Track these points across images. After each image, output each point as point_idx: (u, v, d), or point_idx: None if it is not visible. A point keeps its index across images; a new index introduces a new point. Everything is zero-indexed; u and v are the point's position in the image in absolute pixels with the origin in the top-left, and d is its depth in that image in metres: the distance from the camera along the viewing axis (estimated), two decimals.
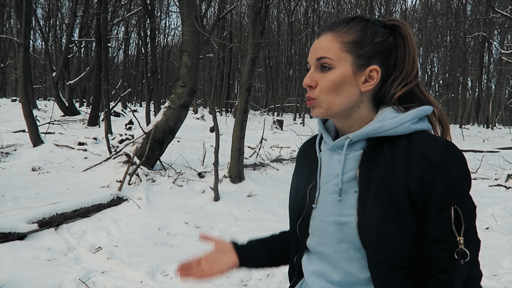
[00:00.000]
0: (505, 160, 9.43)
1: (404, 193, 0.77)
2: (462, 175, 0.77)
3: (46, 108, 20.11)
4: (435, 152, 0.77)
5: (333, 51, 0.85)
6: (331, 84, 0.85)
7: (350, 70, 0.85)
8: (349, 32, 0.85)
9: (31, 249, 3.19)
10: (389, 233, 0.77)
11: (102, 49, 12.48)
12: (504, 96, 33.99)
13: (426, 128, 0.84)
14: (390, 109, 0.86)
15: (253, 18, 5.48)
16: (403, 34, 0.87)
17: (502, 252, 3.47)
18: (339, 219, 0.84)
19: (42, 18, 30.36)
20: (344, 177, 0.85)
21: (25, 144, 7.91)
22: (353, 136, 0.85)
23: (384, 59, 0.87)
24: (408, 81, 0.87)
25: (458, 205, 0.75)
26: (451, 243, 0.75)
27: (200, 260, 1.04)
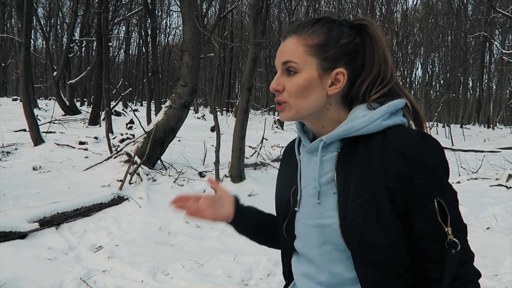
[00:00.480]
0: (506, 160, 9.41)
1: (383, 192, 0.77)
2: (440, 165, 0.77)
3: (47, 108, 20.13)
4: (411, 147, 0.76)
5: (298, 54, 0.84)
6: (298, 88, 0.84)
7: (316, 73, 0.84)
8: (314, 35, 0.84)
9: (32, 248, 3.19)
10: (373, 234, 0.77)
11: (103, 49, 12.50)
12: (505, 96, 33.94)
13: (400, 122, 0.83)
14: (361, 107, 0.85)
15: (254, 17, 5.48)
16: (370, 34, 0.86)
17: (503, 252, 3.47)
18: (320, 222, 0.84)
19: (43, 17, 30.38)
20: (322, 179, 0.85)
21: (26, 143, 7.92)
22: (326, 138, 0.84)
23: (350, 60, 0.85)
24: (386, 82, 0.86)
25: (440, 196, 0.76)
26: (440, 234, 0.76)
27: (199, 198, 1.02)
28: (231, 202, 1.04)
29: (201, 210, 1.00)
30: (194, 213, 1.00)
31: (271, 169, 6.56)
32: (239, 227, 1.05)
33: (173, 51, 38.67)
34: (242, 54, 34.19)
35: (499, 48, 24.46)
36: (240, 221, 1.04)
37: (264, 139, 8.12)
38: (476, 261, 2.80)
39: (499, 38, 30.97)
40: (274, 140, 12.23)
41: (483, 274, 3.16)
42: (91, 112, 14.41)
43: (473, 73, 32.93)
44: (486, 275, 3.07)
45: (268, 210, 1.16)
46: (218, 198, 1.03)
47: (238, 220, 1.04)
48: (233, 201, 1.05)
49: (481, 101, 31.90)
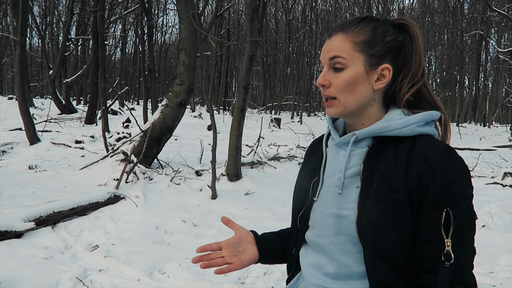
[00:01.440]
0: (501, 158, 9.46)
1: (403, 192, 0.79)
2: (459, 180, 0.78)
3: (43, 106, 20.05)
4: (436, 155, 0.79)
5: (345, 50, 0.87)
6: (345, 83, 0.87)
7: (363, 69, 0.87)
8: (361, 32, 0.88)
9: (28, 247, 3.18)
10: (386, 229, 0.79)
11: (99, 47, 12.44)
12: (501, 94, 34.10)
13: (432, 132, 0.86)
14: (398, 110, 0.89)
15: (250, 16, 5.47)
16: (410, 33, 0.90)
17: (498, 250, 3.49)
18: (339, 212, 0.87)
19: (39, 15, 30.21)
20: (347, 172, 0.88)
21: (22, 142, 7.88)
22: (359, 133, 0.88)
23: (394, 57, 0.89)
24: (416, 80, 0.90)
25: (451, 208, 0.77)
26: (439, 244, 0.77)
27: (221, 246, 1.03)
28: (251, 241, 1.06)
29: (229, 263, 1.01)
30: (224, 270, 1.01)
31: (268, 168, 6.56)
32: (268, 261, 1.08)
33: (169, 50, 38.59)
34: (239, 53, 34.16)
35: (495, 47, 24.56)
36: (266, 256, 1.06)
37: (261, 137, 8.12)
38: None
39: (495, 36, 31.11)
40: (271, 139, 12.23)
41: (478, 271, 3.19)
42: (88, 111, 14.35)
43: (469, 71, 33.06)
44: (481, 273, 3.09)
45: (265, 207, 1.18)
46: (239, 240, 1.04)
47: (264, 256, 1.05)
48: (253, 239, 1.06)
49: (477, 99, 32.03)
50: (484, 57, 33.54)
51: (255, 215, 4.44)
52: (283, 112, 32.71)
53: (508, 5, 18.90)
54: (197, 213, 4.40)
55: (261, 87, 41.99)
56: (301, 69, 29.01)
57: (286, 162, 7.26)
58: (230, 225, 1.05)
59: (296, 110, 28.24)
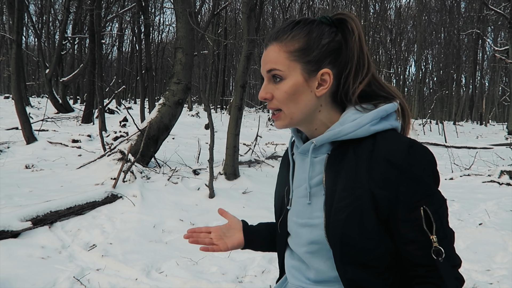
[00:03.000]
0: (498, 157, 9.50)
1: (367, 197, 0.78)
2: (428, 174, 0.77)
3: (39, 105, 19.97)
4: (399, 154, 0.77)
5: (281, 61, 0.84)
6: (286, 94, 0.84)
7: (301, 78, 0.84)
8: (294, 40, 0.84)
9: (24, 247, 3.16)
10: (353, 236, 0.78)
11: (96, 46, 12.40)
12: (497, 93, 34.21)
13: (390, 127, 0.83)
14: (352, 110, 0.85)
15: (247, 14, 5.46)
16: (350, 28, 0.85)
17: (495, 248, 3.50)
18: (310, 222, 0.86)
19: (35, 14, 30.07)
20: (313, 181, 0.87)
21: (18, 142, 7.84)
22: (317, 141, 0.85)
23: (334, 59, 0.85)
24: (363, 75, 0.85)
25: (427, 204, 0.76)
26: (425, 242, 0.77)
27: (210, 230, 1.09)
28: (239, 228, 1.10)
29: (214, 244, 1.07)
30: (208, 248, 1.07)
31: (265, 167, 6.56)
32: (253, 248, 1.11)
33: (166, 49, 38.49)
34: (236, 51, 34.11)
35: (492, 46, 24.65)
36: (252, 243, 1.10)
37: (259, 136, 8.12)
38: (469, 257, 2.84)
39: (491, 35, 31.21)
40: (268, 138, 12.24)
41: (475, 269, 3.20)
42: (84, 110, 14.31)
43: (466, 70, 33.17)
44: (478, 270, 3.10)
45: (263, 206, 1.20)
46: (228, 227, 1.09)
47: (249, 243, 1.09)
48: (241, 226, 1.10)
49: (474, 98, 32.15)
50: (481, 56, 33.65)
51: (252, 213, 4.44)
52: None
53: (505, 4, 18.95)
54: (194, 212, 4.39)
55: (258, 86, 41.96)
56: None
57: None
58: (224, 215, 1.11)
59: None
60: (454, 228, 3.99)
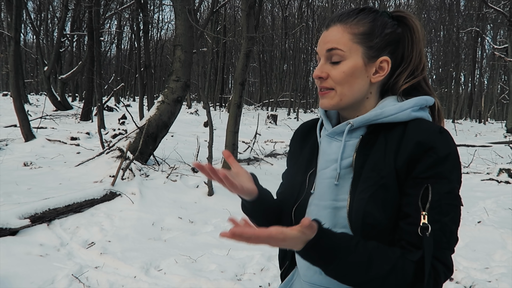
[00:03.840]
0: (497, 155, 9.51)
1: (391, 175, 0.78)
2: (447, 159, 0.77)
3: (38, 103, 19.94)
4: (428, 135, 0.78)
5: (344, 42, 0.85)
6: (343, 75, 0.85)
7: (361, 61, 0.85)
8: (360, 24, 0.85)
9: (23, 244, 3.16)
10: (375, 215, 0.78)
11: (95, 43, 12.36)
12: (496, 91, 34.23)
13: (426, 117, 0.85)
14: (392, 97, 0.88)
15: (247, 12, 5.45)
16: (410, 26, 0.88)
17: (493, 246, 3.51)
18: (335, 204, 0.85)
19: (33, 11, 29.95)
20: (343, 162, 0.86)
21: (17, 139, 7.83)
22: (354, 122, 0.85)
23: (393, 50, 0.87)
24: (416, 74, 0.88)
25: (432, 184, 0.76)
26: (418, 219, 0.76)
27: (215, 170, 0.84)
28: (250, 179, 0.92)
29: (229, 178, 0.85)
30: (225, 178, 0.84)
31: (264, 164, 6.56)
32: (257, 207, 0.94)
33: (165, 46, 38.40)
34: (235, 49, 34.06)
35: (491, 43, 24.63)
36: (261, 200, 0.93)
37: (258, 134, 8.11)
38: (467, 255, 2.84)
39: (490, 33, 31.20)
40: (268, 135, 12.23)
41: (474, 267, 3.20)
42: (83, 108, 14.27)
43: (465, 68, 33.16)
44: (477, 268, 3.10)
45: None
46: (236, 174, 0.90)
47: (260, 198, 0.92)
48: (251, 178, 0.93)
49: (473, 96, 32.16)
50: (480, 54, 33.64)
51: None
52: (280, 109, 32.69)
53: (504, 2, 18.94)
54: (193, 210, 4.39)
55: (257, 84, 41.93)
56: (298, 66, 28.96)
57: (283, 158, 7.26)
58: (230, 160, 0.91)
59: (293, 107, 28.22)
60: None
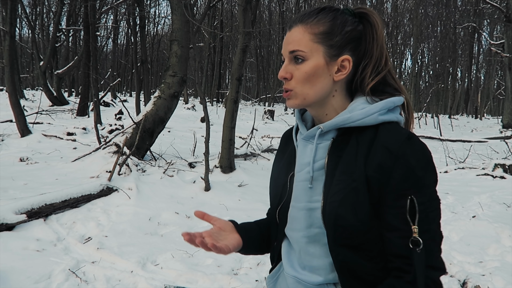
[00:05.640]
0: (492, 150, 9.57)
1: (362, 179, 0.80)
2: (421, 166, 0.79)
3: (34, 98, 19.84)
4: (396, 143, 0.80)
5: (304, 43, 0.87)
6: (306, 75, 0.87)
7: (323, 60, 0.87)
8: (319, 23, 0.87)
9: (19, 239, 3.16)
10: (347, 217, 0.80)
11: (91, 38, 12.29)
12: (492, 86, 34.36)
13: (395, 119, 0.86)
14: (361, 99, 0.89)
15: (243, 7, 5.43)
16: (371, 22, 0.89)
17: (488, 240, 3.54)
18: (309, 205, 0.88)
19: (29, 5, 29.66)
20: (315, 165, 0.88)
21: (13, 135, 7.80)
22: (324, 127, 0.88)
23: (354, 47, 0.88)
24: (380, 70, 0.89)
25: (415, 195, 0.78)
26: (406, 231, 0.78)
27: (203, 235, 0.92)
28: (232, 229, 0.99)
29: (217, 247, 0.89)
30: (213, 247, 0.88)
31: (261, 160, 6.57)
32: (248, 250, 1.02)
33: (162, 41, 38.20)
34: (232, 44, 33.95)
35: (488, 39, 24.69)
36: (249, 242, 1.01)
37: (255, 129, 8.11)
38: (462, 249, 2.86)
39: (487, 29, 31.23)
40: (265, 131, 12.23)
41: (468, 261, 3.23)
42: (79, 103, 14.22)
43: (462, 63, 33.22)
44: (471, 262, 3.13)
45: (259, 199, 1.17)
46: (218, 230, 0.97)
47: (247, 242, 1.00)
48: (233, 227, 1.00)
49: (469, 91, 32.24)
50: (477, 50, 33.70)
51: (248, 206, 4.45)
52: (277, 104, 32.66)
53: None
54: (190, 205, 4.40)
55: (254, 79, 41.87)
56: None
57: None
58: (206, 218, 0.97)
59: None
60: (448, 220, 4.04)
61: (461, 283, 2.83)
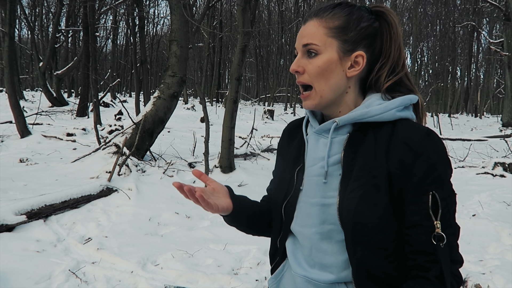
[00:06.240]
0: (492, 149, 9.57)
1: (383, 176, 0.80)
2: (441, 162, 0.79)
3: (33, 99, 19.85)
4: (417, 139, 0.79)
5: (319, 37, 0.85)
6: (318, 69, 0.85)
7: (336, 55, 0.85)
8: (335, 18, 0.86)
9: (19, 240, 3.16)
10: (366, 215, 0.79)
11: (90, 39, 12.29)
12: (492, 85, 34.35)
13: (410, 116, 0.86)
14: (377, 95, 0.88)
15: (242, 6, 5.43)
16: (388, 21, 0.88)
17: (488, 238, 3.54)
18: (323, 201, 0.86)
19: (28, 6, 29.65)
20: (330, 160, 0.87)
21: (13, 136, 7.80)
22: (340, 121, 0.86)
23: (369, 44, 0.87)
24: (397, 70, 0.88)
25: (437, 190, 0.78)
26: (429, 227, 0.78)
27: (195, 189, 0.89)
28: (225, 194, 0.97)
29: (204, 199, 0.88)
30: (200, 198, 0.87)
31: (261, 159, 6.57)
32: (237, 218, 0.99)
33: (161, 41, 38.21)
34: (232, 44, 33.94)
35: (487, 38, 24.70)
36: (239, 212, 0.98)
37: (254, 129, 8.11)
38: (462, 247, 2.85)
39: (486, 27, 31.21)
40: (264, 131, 12.23)
41: (468, 260, 3.23)
42: (79, 103, 14.22)
43: (461, 62, 33.21)
44: (471, 261, 3.13)
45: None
46: (212, 191, 0.96)
47: (237, 210, 0.97)
48: (227, 191, 0.98)
49: (469, 90, 32.25)
50: (476, 48, 33.70)
51: None
52: (276, 104, 32.67)
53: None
54: (190, 205, 4.39)
55: (254, 79, 41.87)
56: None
57: None
58: (202, 178, 0.96)
59: (290, 102, 28.21)
60: None
61: None
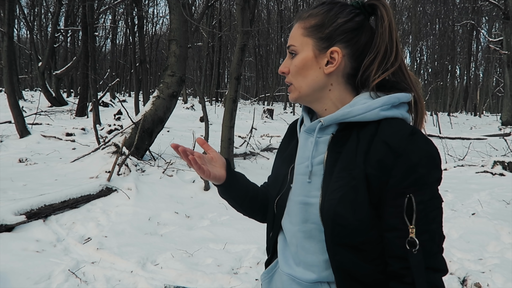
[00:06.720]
0: (491, 147, 9.57)
1: (361, 177, 0.78)
2: (424, 163, 0.76)
3: (32, 99, 19.83)
4: (398, 139, 0.77)
5: (296, 37, 0.88)
6: (295, 68, 0.88)
7: (312, 53, 0.87)
8: (311, 17, 0.88)
9: (19, 240, 3.16)
10: (346, 216, 0.78)
11: (89, 38, 12.28)
12: (491, 84, 34.38)
13: (399, 115, 0.83)
14: (365, 94, 0.86)
15: (242, 6, 5.42)
16: (378, 14, 0.86)
17: (487, 237, 3.54)
18: (306, 200, 0.86)
19: (27, 6, 29.62)
20: (315, 160, 0.87)
21: (12, 136, 7.79)
22: (324, 120, 0.86)
23: (348, 39, 0.85)
24: (388, 66, 0.85)
25: (415, 193, 0.75)
26: (405, 231, 0.75)
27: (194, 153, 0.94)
28: (222, 164, 1.01)
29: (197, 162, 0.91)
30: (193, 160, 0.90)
31: (260, 159, 6.57)
32: (228, 191, 1.02)
33: (160, 41, 38.18)
34: (231, 43, 33.93)
35: (486, 37, 24.69)
36: (231, 185, 1.02)
37: (254, 128, 8.11)
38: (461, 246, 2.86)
39: (486, 26, 31.23)
40: (264, 130, 12.23)
41: (467, 258, 3.23)
42: (78, 103, 14.21)
43: (461, 61, 33.25)
44: (471, 260, 3.13)
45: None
46: (210, 159, 1.00)
47: (229, 183, 1.01)
48: (225, 163, 1.02)
49: (468, 89, 32.28)
50: (475, 47, 33.72)
51: None
52: (276, 103, 32.67)
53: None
54: (190, 205, 4.40)
55: (253, 78, 41.88)
56: None
57: None
58: (205, 146, 1.02)
59: (289, 101, 28.18)
60: (448, 218, 4.04)
61: (460, 280, 2.83)
